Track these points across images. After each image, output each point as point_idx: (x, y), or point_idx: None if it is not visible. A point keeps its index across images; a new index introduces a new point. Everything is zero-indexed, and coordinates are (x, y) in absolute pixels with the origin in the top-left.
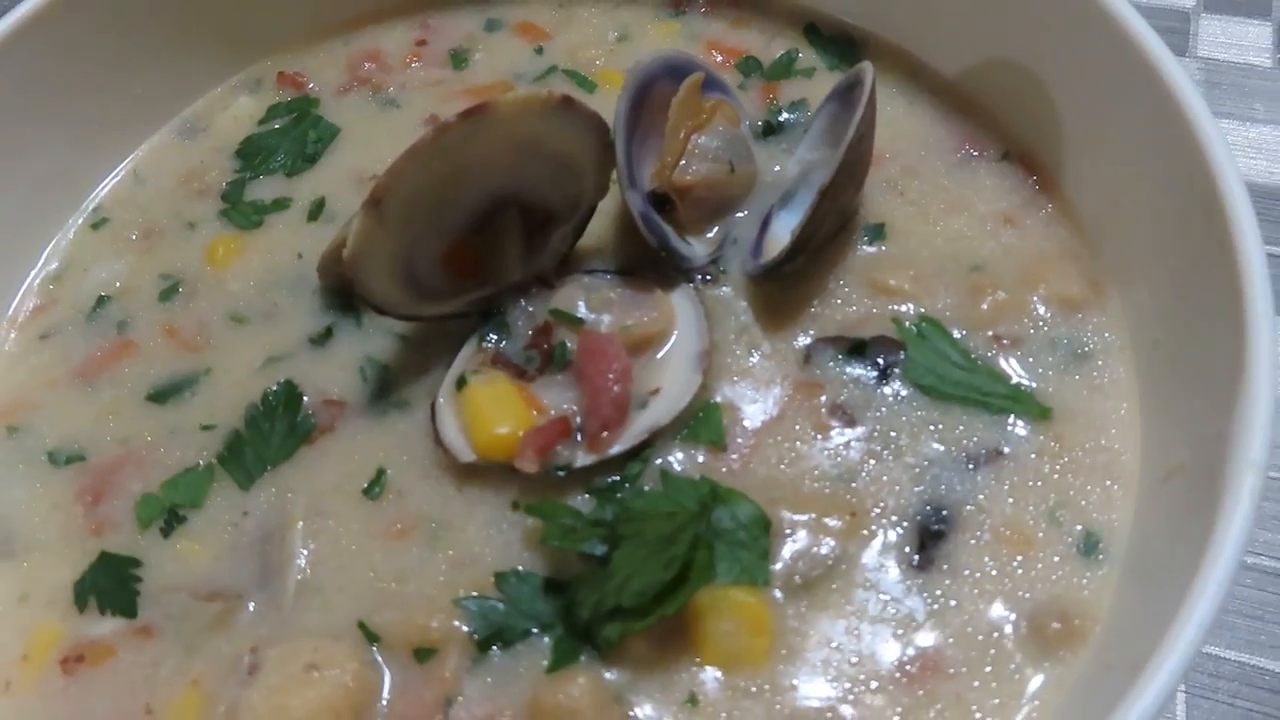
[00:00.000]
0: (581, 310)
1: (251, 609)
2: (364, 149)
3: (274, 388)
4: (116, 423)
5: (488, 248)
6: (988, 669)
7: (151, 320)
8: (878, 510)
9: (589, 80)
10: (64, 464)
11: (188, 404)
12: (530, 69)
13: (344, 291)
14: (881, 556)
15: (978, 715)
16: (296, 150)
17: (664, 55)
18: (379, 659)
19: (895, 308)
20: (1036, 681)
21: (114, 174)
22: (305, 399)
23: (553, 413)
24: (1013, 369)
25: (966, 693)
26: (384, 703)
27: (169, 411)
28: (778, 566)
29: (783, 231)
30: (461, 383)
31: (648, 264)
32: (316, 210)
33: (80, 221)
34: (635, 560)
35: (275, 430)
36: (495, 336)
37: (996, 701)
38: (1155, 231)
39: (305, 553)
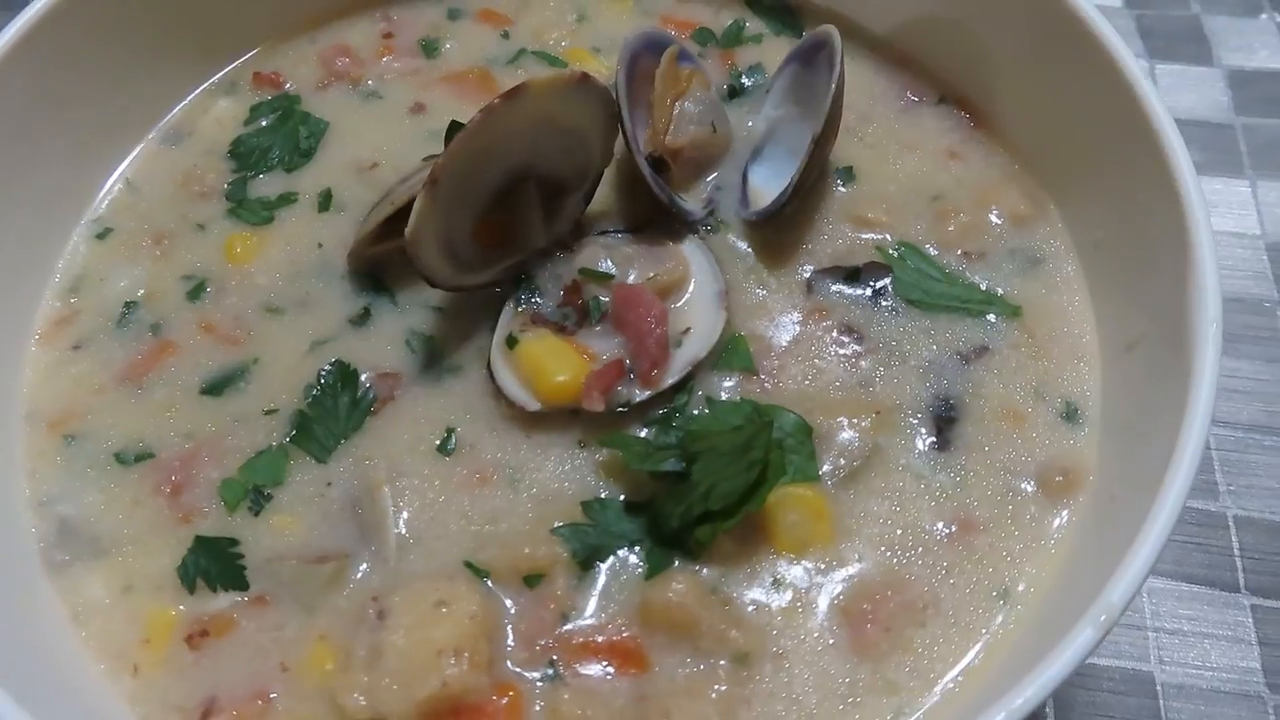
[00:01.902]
0: (606, 267)
1: (360, 566)
2: (356, 140)
3: (327, 368)
4: (176, 418)
5: (511, 219)
6: (1011, 521)
7: (185, 319)
8: (897, 407)
9: (559, 60)
10: (134, 462)
11: (243, 393)
12: (501, 53)
13: (373, 274)
14: (907, 444)
15: (1010, 560)
16: (290, 146)
17: (644, 31)
18: (494, 590)
19: (876, 237)
20: (1053, 524)
21: (108, 185)
22: (360, 375)
23: (605, 358)
24: (982, 278)
25: (998, 543)
26: (509, 626)
27: (227, 402)
28: (824, 465)
29: (762, 182)
30: (512, 342)
31: (652, 221)
32: (325, 201)
33: (84, 233)
34: (715, 470)
35: (339, 406)
36: (529, 299)
37: (1022, 546)
38: (1084, 150)
39: (395, 510)
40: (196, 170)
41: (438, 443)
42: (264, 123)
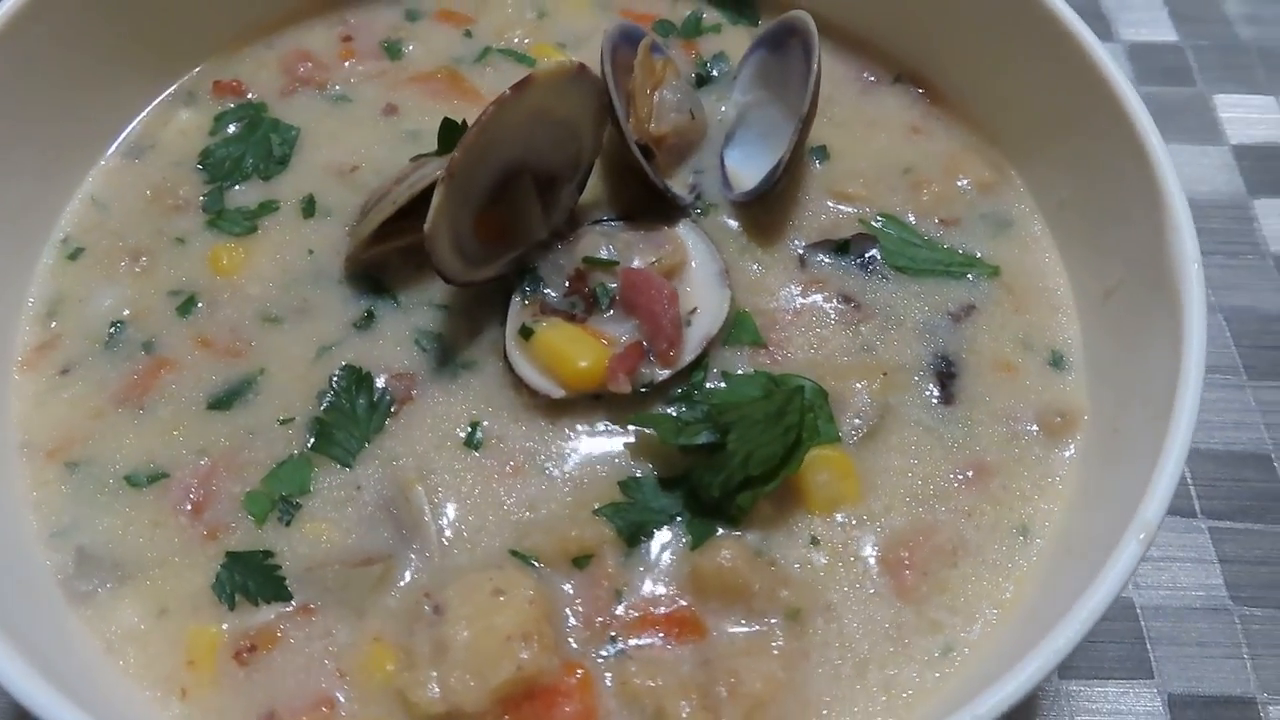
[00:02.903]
0: (608, 254)
1: (405, 565)
2: (332, 144)
3: (337, 373)
4: (186, 435)
5: (508, 213)
6: (1019, 463)
7: (178, 335)
8: (901, 367)
9: (527, 57)
10: (147, 484)
11: (253, 404)
12: (466, 52)
13: (371, 276)
14: (916, 401)
15: (1023, 498)
16: (263, 154)
17: (619, 24)
18: (545, 574)
19: (857, 210)
20: (1058, 461)
21: (72, 204)
22: (374, 377)
23: (623, 341)
24: (959, 242)
25: (1011, 484)
26: (566, 608)
27: (237, 415)
28: (843, 427)
29: (738, 165)
30: (527, 332)
31: (643, 208)
32: (309, 207)
33: (54, 254)
34: (751, 438)
35: (357, 409)
36: (534, 290)
37: (1032, 485)
38: (1039, 117)
39: (431, 507)
40: (166, 183)
41: (464, 437)
42: (230, 131)
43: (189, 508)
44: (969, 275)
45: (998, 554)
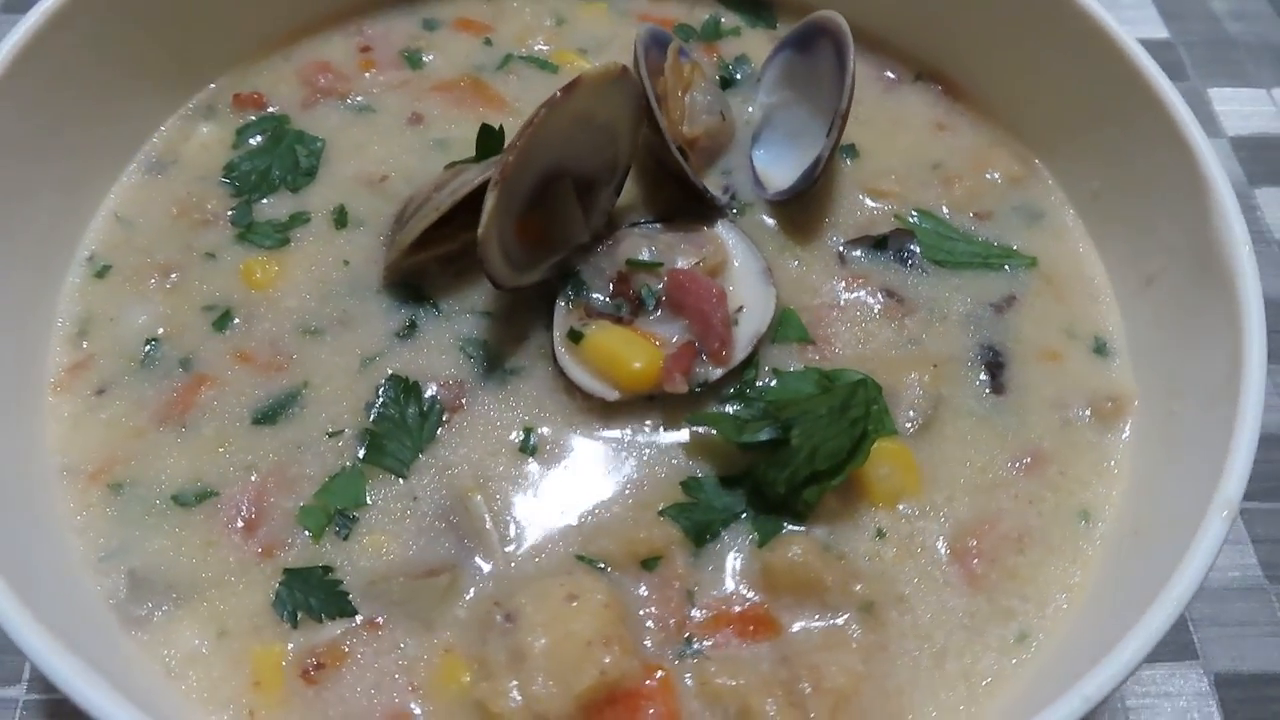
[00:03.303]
0: (650, 256)
1: (470, 574)
2: (359, 154)
3: (384, 384)
4: (232, 452)
5: (547, 218)
6: (1074, 449)
7: (216, 351)
8: (950, 359)
9: (549, 64)
10: (196, 503)
11: (300, 418)
12: (488, 60)
13: (410, 285)
14: (967, 391)
15: (1081, 483)
16: (290, 165)
17: (648, 28)
18: (615, 578)
19: (892, 206)
20: (1112, 445)
21: (94, 220)
22: (422, 386)
23: (674, 341)
24: (994, 235)
25: (1067, 469)
26: (639, 610)
27: (284, 429)
28: (898, 420)
29: (767, 165)
30: (577, 336)
31: (677, 209)
32: (341, 218)
33: (81, 273)
34: (816, 432)
35: (407, 419)
36: (578, 294)
37: (1089, 470)
38: (1065, 110)
39: (491, 514)
40: (191, 198)
41: (518, 443)
42: (253, 144)
43: (241, 525)
44: (1006, 266)
45: (1062, 539)
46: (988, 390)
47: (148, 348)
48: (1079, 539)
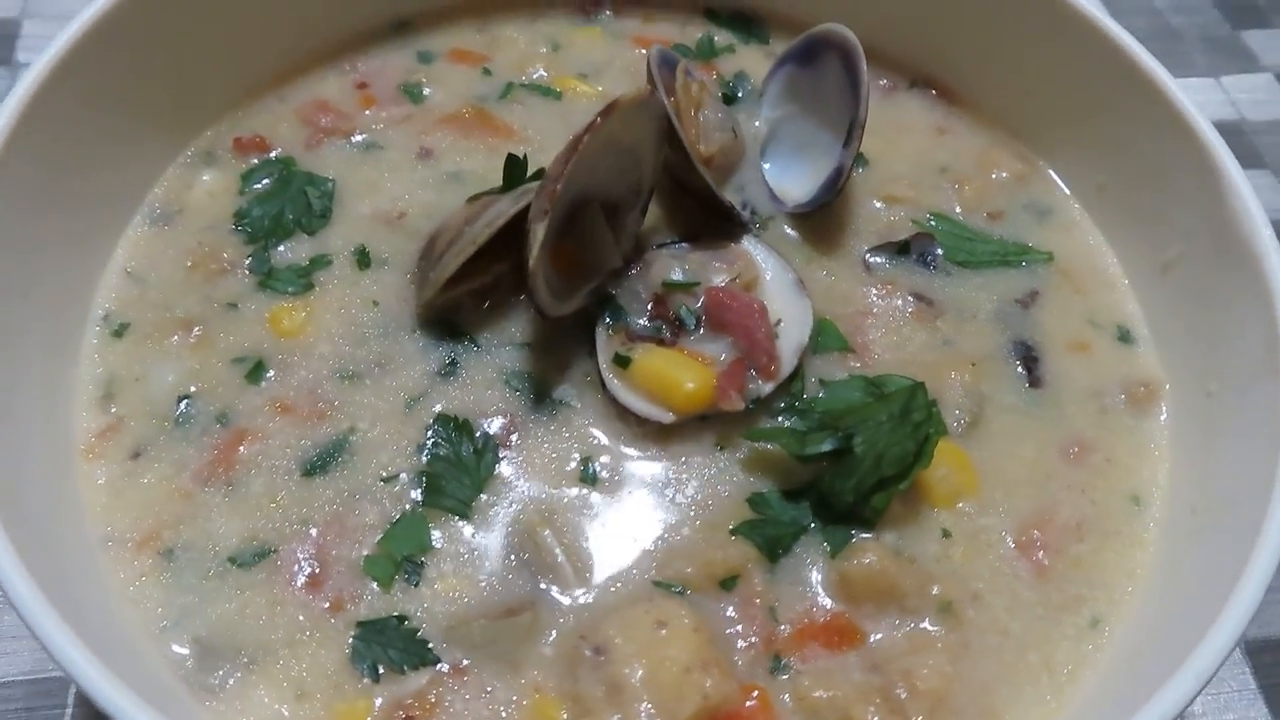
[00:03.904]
0: (683, 276)
1: (549, 610)
2: (373, 192)
3: (433, 424)
4: (285, 506)
5: (581, 244)
6: (1115, 435)
7: (253, 404)
8: (987, 357)
9: (552, 90)
10: (255, 562)
11: (350, 466)
12: (489, 90)
13: (444, 321)
14: (1007, 388)
15: (1128, 467)
16: (302, 208)
17: (656, 49)
18: (696, 601)
19: (908, 211)
20: (1152, 428)
21: (104, 277)
22: (472, 423)
23: (723, 359)
24: (1007, 233)
25: (1113, 455)
26: (726, 631)
27: (335, 479)
28: (946, 420)
29: (777, 179)
30: (624, 361)
31: (700, 228)
32: (364, 259)
33: (98, 334)
34: (880, 439)
35: (463, 458)
36: (616, 319)
37: (1132, 454)
38: (1062, 108)
39: (563, 548)
40: (204, 248)
41: (578, 473)
42: (260, 189)
43: (306, 581)
44: (1024, 263)
45: (1118, 524)
46: (1026, 385)
47: (181, 406)
48: (1134, 522)
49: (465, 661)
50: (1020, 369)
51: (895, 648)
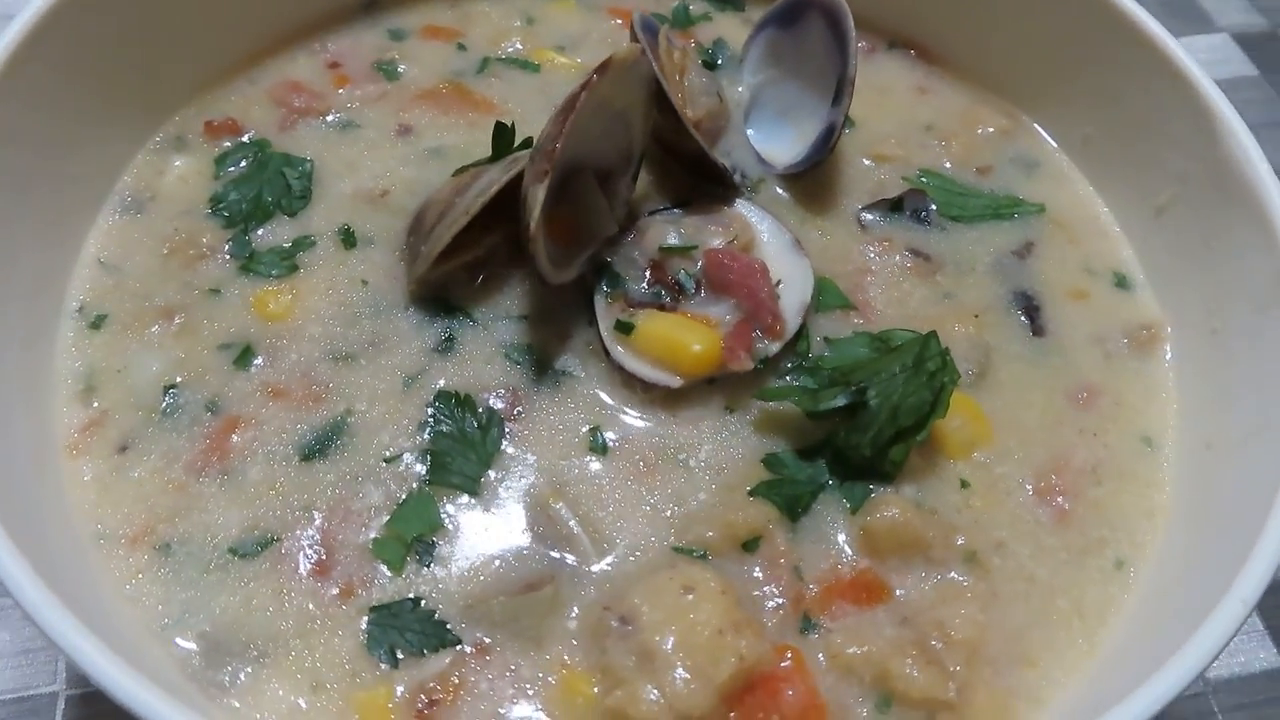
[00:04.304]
0: (679, 240)
1: (569, 582)
2: (352, 171)
3: (433, 401)
4: (285, 492)
5: (575, 213)
6: (1121, 378)
7: (243, 390)
8: (989, 308)
9: (531, 63)
10: (258, 552)
11: (350, 448)
12: (465, 65)
13: (437, 298)
14: (1011, 337)
15: (1136, 409)
16: (281, 190)
17: (638, 14)
18: (719, 564)
19: (898, 169)
20: (1157, 370)
21: (77, 269)
22: (474, 399)
23: (728, 320)
24: (997, 186)
25: (1121, 398)
26: (753, 592)
27: (336, 462)
28: None
29: (763, 141)
30: (627, 328)
31: (692, 193)
32: (349, 238)
33: (75, 327)
34: (894, 391)
35: (467, 434)
36: (614, 286)
37: (1140, 396)
38: (1044, 60)
39: (577, 520)
40: (180, 234)
41: (587, 444)
42: (235, 172)
43: (313, 568)
44: (1016, 215)
45: (1133, 466)
46: (1029, 334)
47: (168, 396)
48: (1148, 462)
49: (487, 640)
50: (1023, 318)
51: (924, 600)
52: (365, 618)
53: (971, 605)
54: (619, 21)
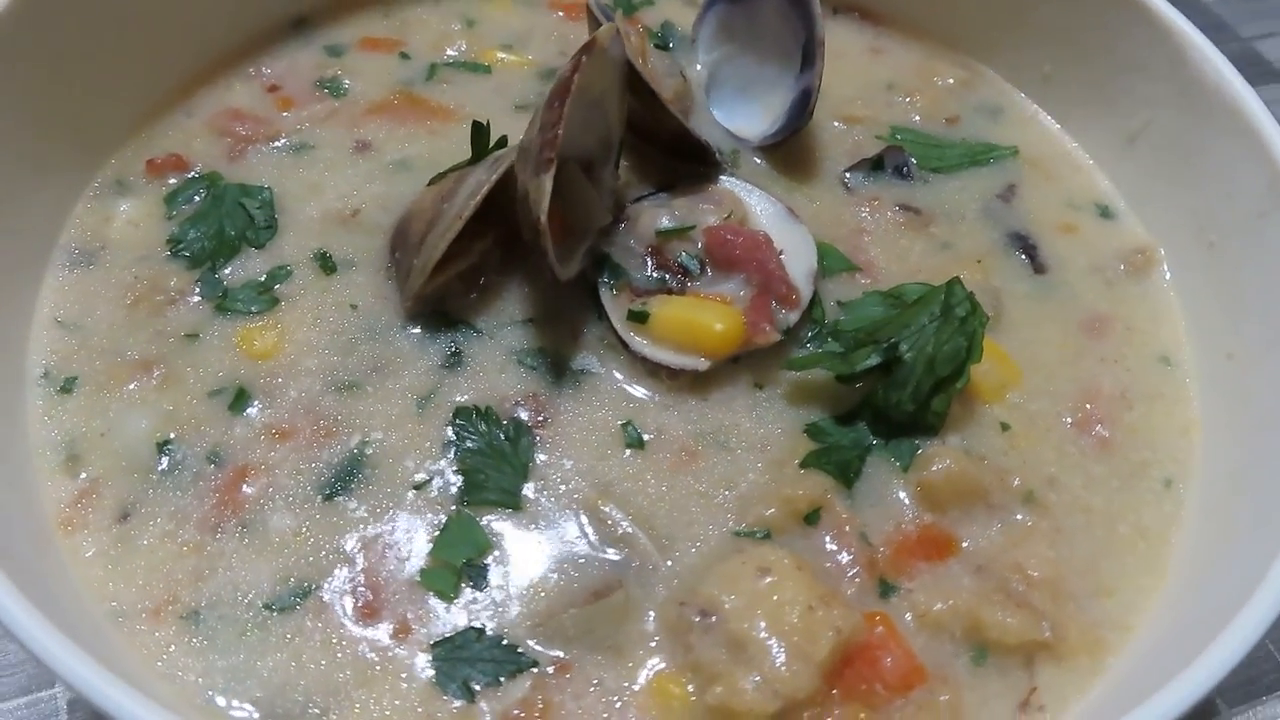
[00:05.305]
0: (674, 223)
1: (637, 585)
2: (316, 194)
3: (453, 420)
4: (314, 536)
5: (563, 207)
6: (1126, 303)
7: (244, 436)
8: (989, 252)
9: (481, 64)
10: (296, 604)
11: (374, 479)
12: (413, 73)
13: (435, 313)
14: (1016, 278)
15: (1146, 330)
16: (243, 223)
17: (595, 2)
18: (785, 541)
19: (869, 129)
20: (1158, 290)
21: (32, 332)
22: (495, 410)
23: (743, 295)
24: (968, 135)
25: (1131, 322)
26: (826, 565)
27: (362, 496)
28: None
29: (726, 118)
30: (642, 316)
31: (672, 176)
32: (327, 263)
33: (42, 395)
34: (926, 342)
35: (496, 449)
36: (617, 276)
37: (1147, 318)
38: (992, 8)
39: (631, 519)
40: (141, 282)
41: (623, 440)
42: (189, 208)
43: (361, 610)
44: (992, 160)
45: (1158, 386)
46: (1031, 272)
47: (164, 454)
48: (1170, 380)
49: (564, 657)
50: (1023, 258)
51: (994, 546)
52: (428, 655)
53: (1041, 543)
54: (560, 14)
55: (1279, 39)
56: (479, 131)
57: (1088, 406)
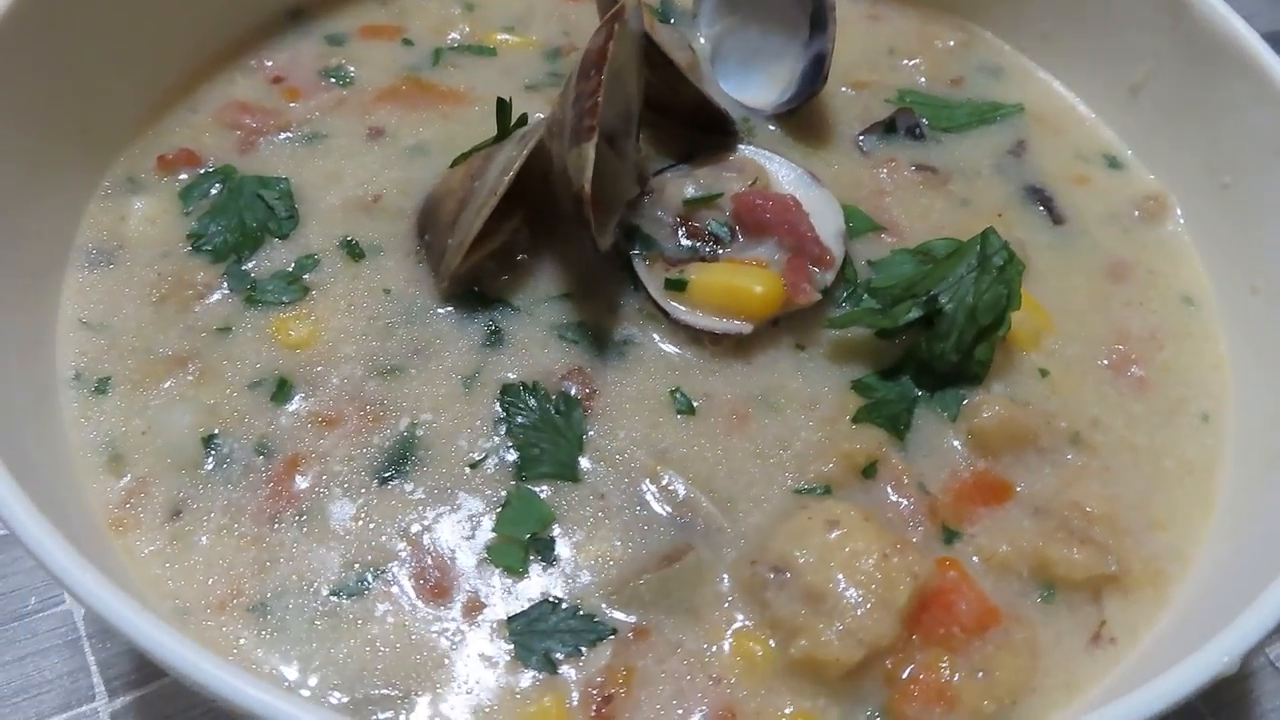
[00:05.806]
0: (700, 192)
1: (707, 547)
2: (336, 181)
3: (501, 397)
4: (375, 521)
5: (595, 179)
6: (1144, 248)
7: (290, 426)
8: (1008, 206)
9: (486, 47)
10: (366, 588)
11: (429, 460)
12: (418, 59)
13: (470, 293)
14: (1037, 228)
15: (1168, 271)
16: (263, 214)
17: None
18: (846, 495)
19: (878, 93)
20: (1172, 234)
21: (58, 336)
22: (542, 385)
23: (777, 259)
24: (974, 94)
25: (1152, 265)
26: (888, 516)
27: (418, 479)
28: None
29: (736, 89)
30: (680, 284)
31: (691, 147)
32: (354, 250)
33: (76, 398)
34: (966, 292)
35: (549, 422)
36: (648, 247)
37: (1165, 260)
38: None
39: (692, 483)
40: (165, 279)
41: (673, 407)
42: (205, 203)
43: (431, 590)
44: (999, 118)
45: (1185, 325)
46: (1051, 223)
47: (211, 449)
48: (1195, 319)
49: (643, 622)
50: (1041, 209)
51: (1049, 487)
52: (504, 630)
53: (1093, 482)
54: None
55: None
56: (503, 108)
57: (1120, 348)
